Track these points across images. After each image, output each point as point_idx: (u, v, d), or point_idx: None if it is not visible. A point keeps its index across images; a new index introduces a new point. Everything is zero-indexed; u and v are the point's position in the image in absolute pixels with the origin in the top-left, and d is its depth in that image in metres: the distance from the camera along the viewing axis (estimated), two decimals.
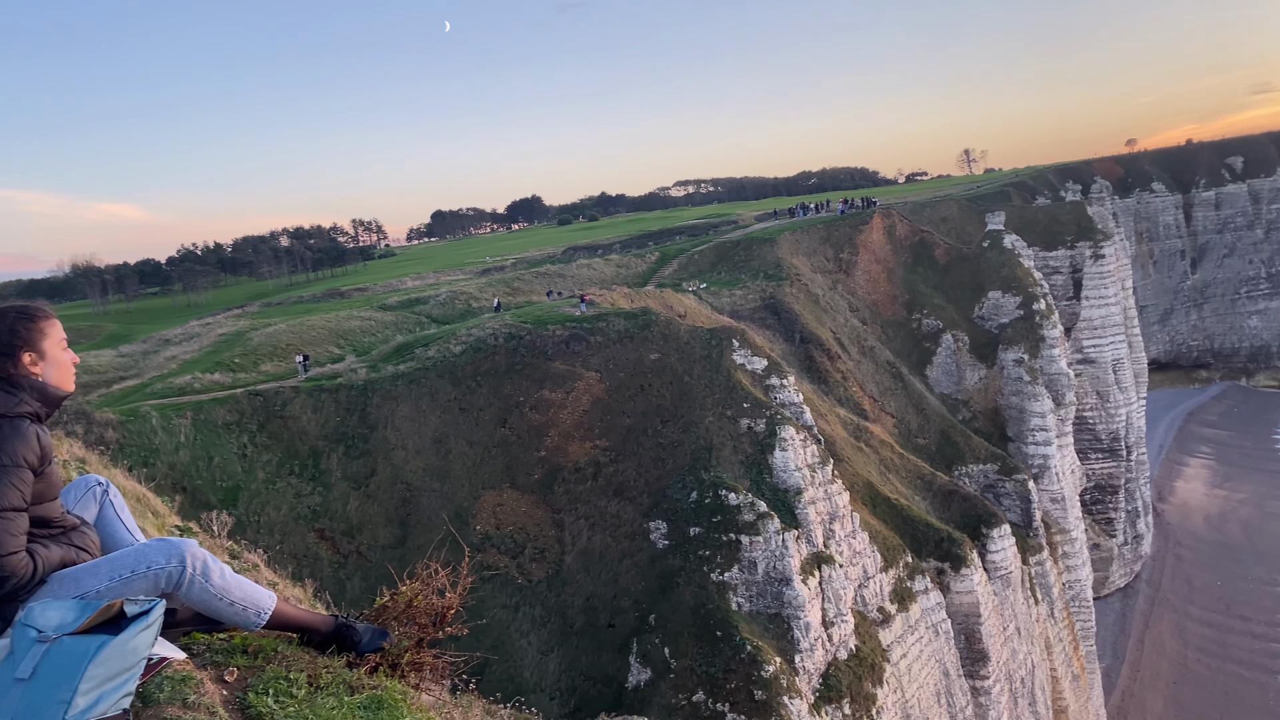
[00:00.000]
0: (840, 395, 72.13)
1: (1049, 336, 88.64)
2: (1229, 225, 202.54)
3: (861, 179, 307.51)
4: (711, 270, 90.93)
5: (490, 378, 54.91)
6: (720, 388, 53.18)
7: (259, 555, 12.94)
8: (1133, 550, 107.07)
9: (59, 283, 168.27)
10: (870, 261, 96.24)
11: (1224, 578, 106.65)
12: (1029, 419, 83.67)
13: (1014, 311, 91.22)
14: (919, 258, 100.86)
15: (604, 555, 47.07)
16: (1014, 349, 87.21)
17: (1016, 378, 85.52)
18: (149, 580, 4.56)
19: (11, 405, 4.44)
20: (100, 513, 5.32)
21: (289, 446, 50.86)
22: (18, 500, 4.30)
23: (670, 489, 48.06)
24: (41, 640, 3.97)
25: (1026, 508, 73.99)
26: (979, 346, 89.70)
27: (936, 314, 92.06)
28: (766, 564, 44.67)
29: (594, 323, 57.80)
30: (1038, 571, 72.02)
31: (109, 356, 72.52)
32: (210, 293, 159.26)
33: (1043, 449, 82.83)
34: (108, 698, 3.90)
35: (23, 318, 4.69)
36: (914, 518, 60.38)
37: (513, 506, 49.55)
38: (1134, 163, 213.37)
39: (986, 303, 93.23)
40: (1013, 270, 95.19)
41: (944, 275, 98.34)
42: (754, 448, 50.27)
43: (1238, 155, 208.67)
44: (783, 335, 75.97)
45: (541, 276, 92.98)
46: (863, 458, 63.61)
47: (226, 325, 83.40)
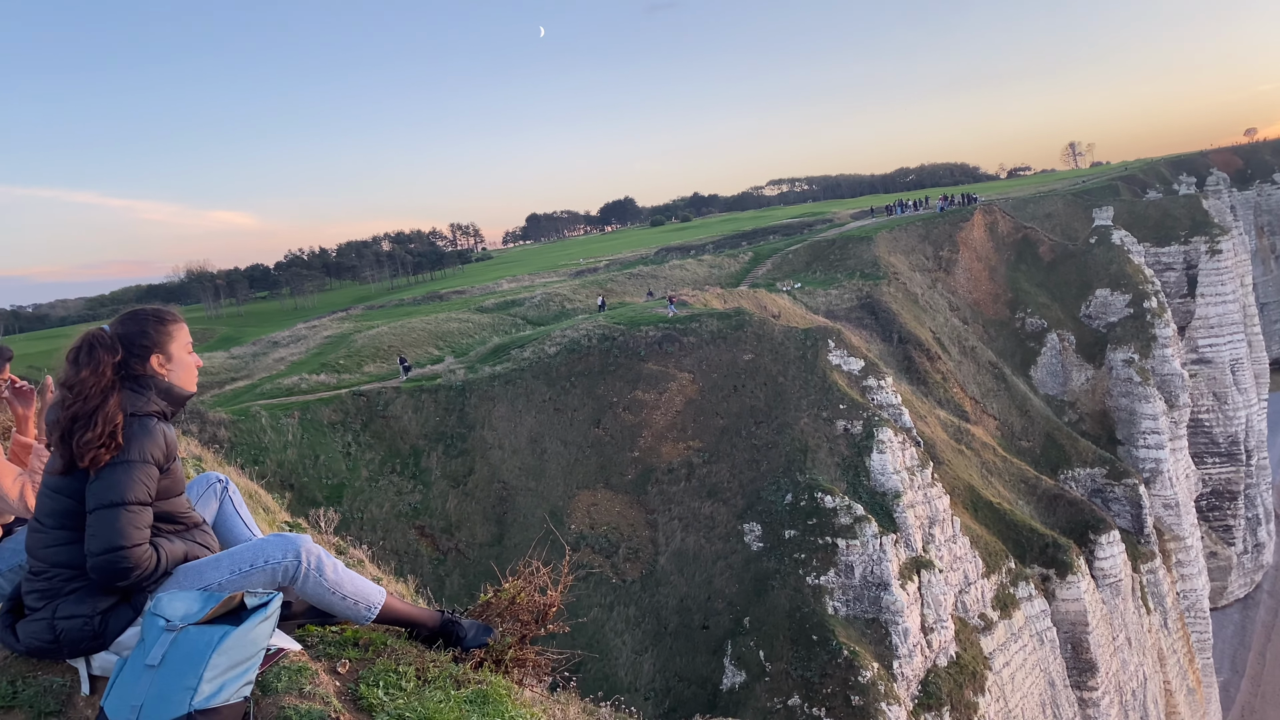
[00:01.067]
0: (940, 396, 70.52)
1: (1161, 335, 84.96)
2: None
3: (961, 175, 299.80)
4: (806, 270, 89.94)
5: (584, 378, 55.41)
6: (815, 389, 52.55)
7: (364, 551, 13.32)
8: (1253, 559, 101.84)
9: (174, 288, 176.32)
10: (971, 259, 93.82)
11: None
12: (1140, 421, 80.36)
13: (1123, 310, 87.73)
14: (1022, 255, 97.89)
15: (698, 556, 47.02)
16: (1123, 349, 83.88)
17: (1126, 378, 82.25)
18: (267, 574, 4.73)
19: (141, 404, 4.65)
20: (220, 508, 5.54)
21: (391, 445, 52.26)
22: (144, 495, 4.50)
23: (765, 491, 47.70)
24: (169, 629, 4.17)
25: (1137, 513, 71.07)
26: (1086, 346, 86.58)
27: (1041, 313, 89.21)
28: (864, 568, 43.95)
29: (687, 323, 57.78)
30: (1150, 580, 69.11)
31: (221, 358, 75.71)
32: (316, 296, 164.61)
33: (1154, 452, 79.45)
34: (230, 686, 4.07)
35: (154, 320, 4.92)
36: (1017, 522, 58.61)
37: (607, 506, 49.90)
38: (1253, 153, 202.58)
39: (1094, 301, 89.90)
40: (1122, 267, 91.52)
41: (1049, 273, 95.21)
42: (850, 450, 49.53)
43: None
44: (880, 335, 74.64)
45: (634, 278, 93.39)
46: (964, 460, 62.05)
47: (331, 328, 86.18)
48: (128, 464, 4.46)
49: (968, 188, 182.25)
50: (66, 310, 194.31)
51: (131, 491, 4.43)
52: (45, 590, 4.53)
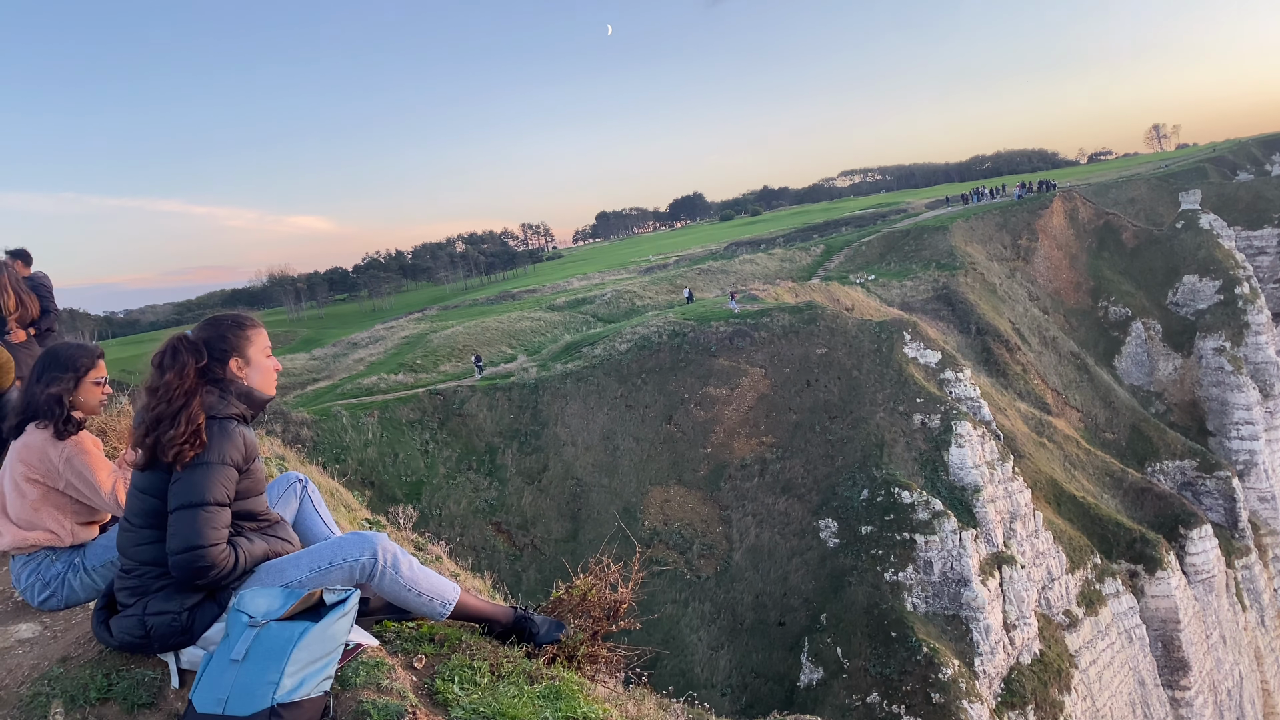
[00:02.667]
0: (1020, 389, 68.87)
1: (1254, 322, 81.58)
2: None
3: (1040, 161, 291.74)
4: (879, 261, 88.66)
5: (655, 375, 55.49)
6: (891, 382, 51.79)
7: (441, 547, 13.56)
8: None
9: (257, 292, 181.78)
10: (1051, 247, 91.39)
11: None
12: (1232, 411, 77.32)
13: (1213, 296, 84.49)
14: (1104, 242, 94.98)
15: (772, 553, 46.74)
16: (1213, 336, 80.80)
17: (1217, 367, 79.21)
18: (345, 571, 4.84)
19: (221, 408, 4.80)
20: (300, 507, 5.69)
21: (467, 443, 53.07)
22: (222, 496, 4.64)
23: (840, 486, 47.20)
24: (252, 625, 4.30)
25: (1231, 507, 68.42)
26: (1173, 335, 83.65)
27: (1124, 301, 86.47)
28: (943, 564, 43.20)
29: (758, 318, 57.44)
30: (1245, 576, 66.52)
31: (303, 360, 77.78)
32: (393, 298, 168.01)
33: (1248, 444, 76.37)
34: (310, 680, 4.18)
35: (233, 326, 5.08)
36: (1102, 517, 56.94)
37: (679, 503, 49.91)
38: None
39: (1181, 288, 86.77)
40: (1211, 252, 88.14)
41: (1132, 260, 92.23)
42: (928, 444, 48.70)
43: None
44: (957, 327, 73.19)
45: (704, 273, 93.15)
46: (1045, 454, 60.51)
47: (408, 328, 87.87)
48: (207, 465, 4.60)
49: (1046, 174, 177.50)
50: (155, 316, 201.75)
51: (210, 492, 4.57)
52: (135, 587, 4.71)
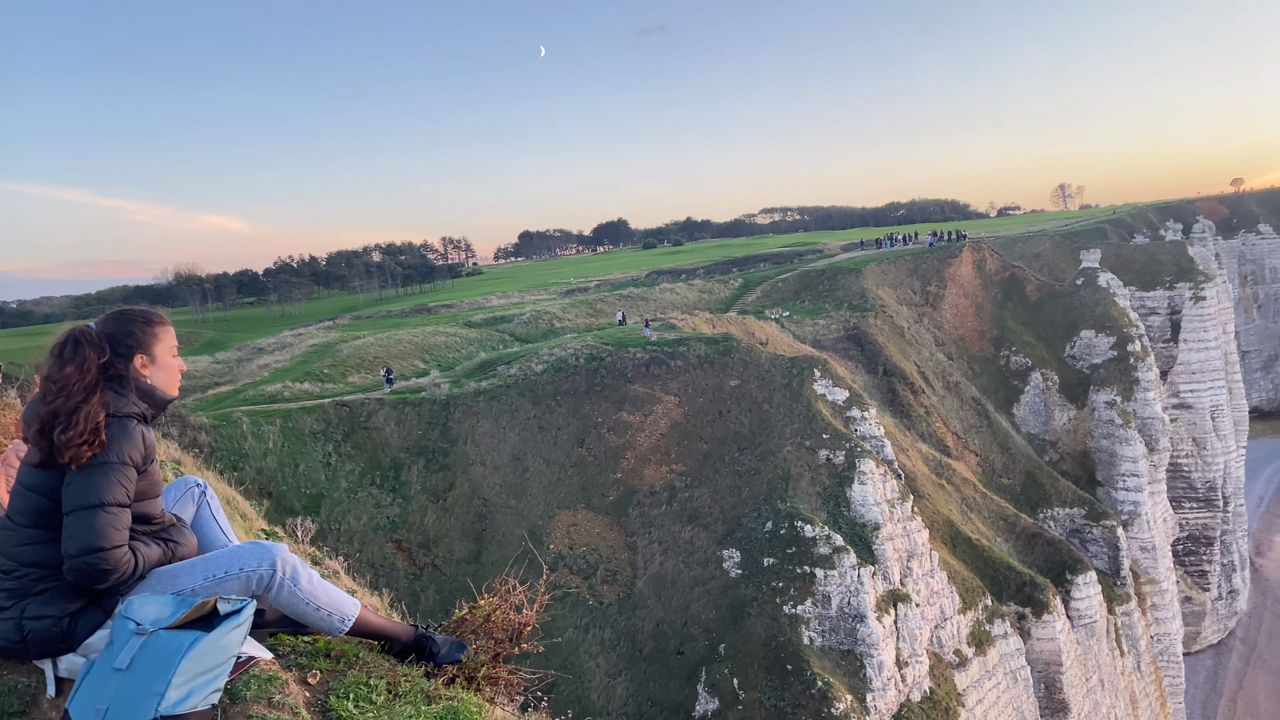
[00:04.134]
0: (923, 430, 70.70)
1: (1144, 379, 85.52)
2: None
3: (951, 211, 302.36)
4: (795, 298, 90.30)
5: (570, 397, 55.36)
6: (800, 417, 52.64)
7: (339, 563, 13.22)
8: (1227, 606, 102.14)
9: (161, 290, 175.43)
10: (958, 295, 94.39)
11: None
12: (1120, 463, 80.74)
13: (1107, 352, 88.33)
14: (1009, 294, 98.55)
15: (676, 581, 46.85)
16: (1106, 390, 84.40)
17: (1108, 420, 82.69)
18: (241, 581, 4.69)
19: (121, 405, 4.62)
20: (197, 513, 5.50)
21: (372, 457, 52.00)
22: (122, 497, 4.46)
23: (745, 518, 47.65)
24: (139, 633, 4.13)
25: (1114, 555, 71.26)
26: (1069, 387, 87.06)
27: (1025, 351, 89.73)
28: (841, 599, 43.89)
29: (675, 347, 57.86)
30: (1125, 622, 69.21)
31: (205, 363, 75.27)
32: (304, 304, 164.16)
33: (1133, 495, 79.79)
34: (198, 692, 4.03)
35: (142, 321, 4.89)
36: (995, 559, 58.67)
37: (587, 527, 49.71)
38: (1240, 203, 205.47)
39: (1078, 342, 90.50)
40: (1107, 309, 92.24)
41: (1034, 312, 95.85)
42: (832, 480, 49.57)
43: None
44: (865, 367, 74.89)
45: (624, 299, 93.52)
46: (944, 495, 62.16)
47: (317, 336, 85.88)
48: (106, 465, 4.42)
49: (957, 224, 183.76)
50: (51, 308, 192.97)
51: (110, 493, 4.40)
52: (14, 589, 4.47)
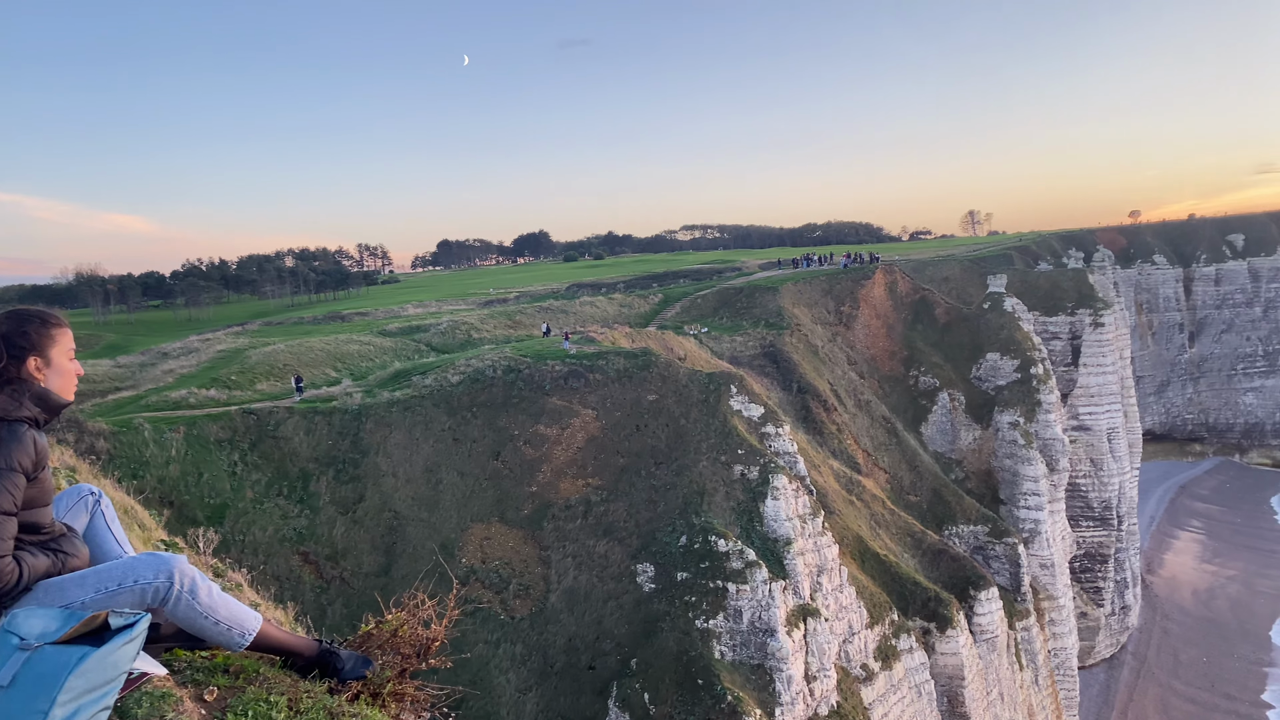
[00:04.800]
0: (835, 447, 71.99)
1: (1045, 401, 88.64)
2: (1228, 301, 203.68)
3: (866, 234, 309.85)
4: (713, 315, 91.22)
5: (486, 409, 54.84)
6: (716, 432, 53.09)
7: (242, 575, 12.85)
8: (1119, 621, 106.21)
9: (61, 290, 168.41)
10: (871, 316, 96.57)
11: (1210, 654, 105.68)
12: (1022, 482, 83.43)
13: (1011, 374, 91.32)
14: (919, 315, 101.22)
15: (589, 595, 46.69)
16: (1010, 411, 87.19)
17: (1011, 440, 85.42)
18: (135, 594, 4.52)
19: (11, 409, 4.43)
20: (91, 523, 5.28)
21: (279, 467, 50.66)
22: (9, 504, 4.27)
23: (660, 532, 47.79)
24: (23, 648, 3.93)
25: (1015, 572, 73.50)
26: (975, 407, 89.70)
27: (934, 372, 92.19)
28: (752, 613, 44.29)
29: (593, 360, 57.86)
30: (1024, 637, 71.37)
31: (106, 366, 72.42)
32: (212, 309, 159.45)
33: (1034, 513, 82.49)
34: (86, 710, 3.85)
35: (38, 322, 4.69)
36: (902, 575, 59.97)
37: (500, 541, 49.24)
38: (1136, 234, 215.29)
39: (984, 364, 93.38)
40: (1012, 333, 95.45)
41: (943, 334, 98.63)
42: (746, 495, 50.07)
43: (1239, 233, 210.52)
44: (780, 384, 75.99)
45: (544, 311, 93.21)
46: (854, 511, 63.34)
47: (225, 342, 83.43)
48: None
49: (871, 247, 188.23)
50: None
51: None
52: None
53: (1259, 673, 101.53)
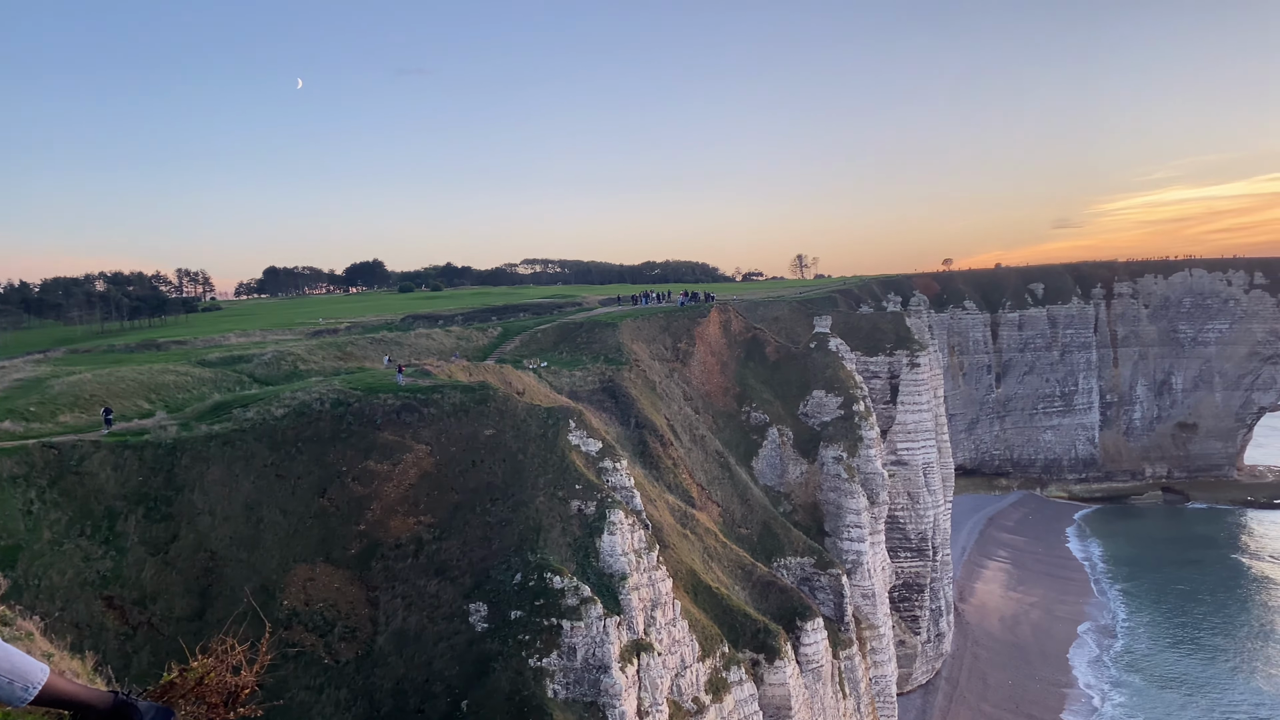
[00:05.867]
0: (670, 482, 73.07)
1: (866, 437, 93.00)
2: (1030, 345, 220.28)
3: (702, 274, 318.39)
4: (553, 349, 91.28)
5: (313, 444, 52.73)
6: (554, 468, 52.94)
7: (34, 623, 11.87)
8: (935, 648, 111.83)
9: None
10: (706, 353, 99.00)
11: (1015, 677, 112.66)
12: (845, 515, 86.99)
13: (836, 411, 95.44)
14: (751, 353, 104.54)
15: (419, 637, 45.39)
16: (834, 446, 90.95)
17: (835, 474, 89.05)
18: None
19: None
20: None
21: (83, 505, 47.01)
22: None
23: (494, 570, 47.10)
24: None
25: (839, 602, 76.35)
26: (802, 442, 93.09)
27: (764, 408, 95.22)
28: (586, 650, 44.16)
29: (428, 394, 56.71)
30: (847, 666, 74.06)
31: None
32: (10, 335, 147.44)
33: (857, 545, 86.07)
34: None
35: None
36: (733, 608, 61.24)
37: (325, 581, 47.27)
38: (949, 281, 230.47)
39: (811, 401, 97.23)
40: (836, 372, 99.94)
41: (773, 372, 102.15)
42: (583, 530, 50.06)
43: (1039, 282, 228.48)
44: (619, 419, 76.67)
45: (377, 343, 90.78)
46: (688, 545, 64.34)
47: (24, 370, 76.96)
48: None
49: (707, 286, 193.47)
50: None
51: None
52: None
53: (1058, 693, 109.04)
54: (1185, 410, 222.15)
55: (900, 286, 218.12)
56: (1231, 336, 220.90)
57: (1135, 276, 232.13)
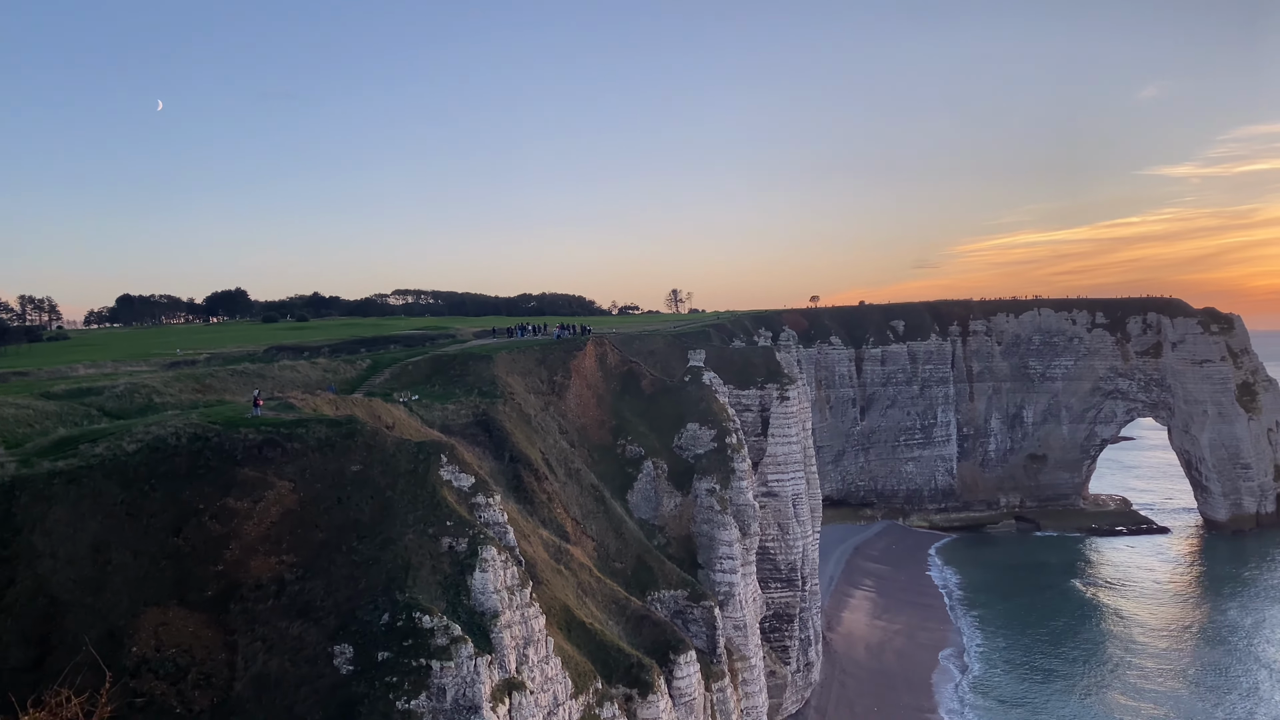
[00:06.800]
0: (545, 516, 72.48)
1: (739, 469, 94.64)
2: (891, 380, 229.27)
3: (578, 307, 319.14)
4: (425, 382, 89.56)
5: (167, 481, 50.05)
6: (424, 504, 51.77)
7: None
8: (804, 677, 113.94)
9: None
10: (582, 386, 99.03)
11: (880, 704, 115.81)
12: (718, 546, 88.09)
13: (709, 443, 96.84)
14: (627, 386, 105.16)
15: (280, 682, 43.42)
16: (708, 479, 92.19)
17: (709, 506, 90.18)
18: None
19: None
20: None
21: None
22: None
23: (361, 610, 45.59)
24: None
25: (712, 634, 77.01)
26: (677, 475, 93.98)
27: (640, 441, 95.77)
28: (456, 691, 43.18)
29: (293, 428, 54.71)
30: (719, 698, 74.60)
31: None
32: None
33: (729, 576, 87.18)
34: None
35: None
36: (607, 643, 60.97)
37: (179, 626, 44.75)
38: (817, 317, 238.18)
39: (685, 433, 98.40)
40: (710, 405, 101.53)
41: (649, 405, 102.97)
42: (454, 568, 49.05)
43: (900, 319, 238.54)
44: (493, 453, 75.71)
45: (238, 375, 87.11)
46: (561, 581, 63.84)
47: None
48: None
49: (583, 319, 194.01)
50: None
51: None
52: None
53: (921, 719, 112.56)
54: (1036, 442, 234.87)
55: (771, 322, 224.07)
56: (1076, 372, 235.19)
57: (989, 315, 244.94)
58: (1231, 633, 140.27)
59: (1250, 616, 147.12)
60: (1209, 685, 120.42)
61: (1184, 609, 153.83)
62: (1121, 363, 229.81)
